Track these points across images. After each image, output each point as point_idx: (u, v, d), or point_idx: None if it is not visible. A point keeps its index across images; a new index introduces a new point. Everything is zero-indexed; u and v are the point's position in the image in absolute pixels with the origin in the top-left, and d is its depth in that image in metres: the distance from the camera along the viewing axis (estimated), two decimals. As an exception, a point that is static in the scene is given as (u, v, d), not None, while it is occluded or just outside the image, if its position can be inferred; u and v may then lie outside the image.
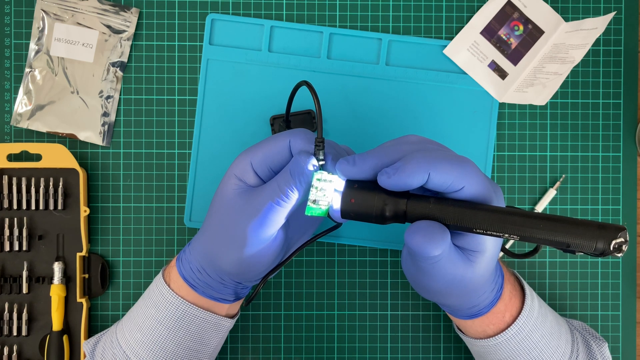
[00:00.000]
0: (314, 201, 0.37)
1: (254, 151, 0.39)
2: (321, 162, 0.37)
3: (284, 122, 0.50)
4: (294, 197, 0.37)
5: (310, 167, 0.36)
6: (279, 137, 0.38)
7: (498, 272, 0.42)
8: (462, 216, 0.34)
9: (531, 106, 0.54)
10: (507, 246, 0.53)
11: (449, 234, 0.35)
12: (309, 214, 0.37)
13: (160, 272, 0.45)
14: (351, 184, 0.36)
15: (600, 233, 0.32)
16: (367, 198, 0.36)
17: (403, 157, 0.35)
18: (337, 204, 0.37)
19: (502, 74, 0.53)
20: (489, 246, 0.36)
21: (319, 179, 0.37)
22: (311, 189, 0.37)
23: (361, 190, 0.36)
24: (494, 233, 0.34)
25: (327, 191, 0.37)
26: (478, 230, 0.34)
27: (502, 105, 0.53)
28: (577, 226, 0.32)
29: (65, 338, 0.51)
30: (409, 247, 0.35)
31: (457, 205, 0.34)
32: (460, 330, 0.47)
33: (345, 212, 0.36)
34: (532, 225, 0.33)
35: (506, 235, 0.33)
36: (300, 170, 0.36)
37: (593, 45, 0.54)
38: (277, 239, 0.39)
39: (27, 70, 0.52)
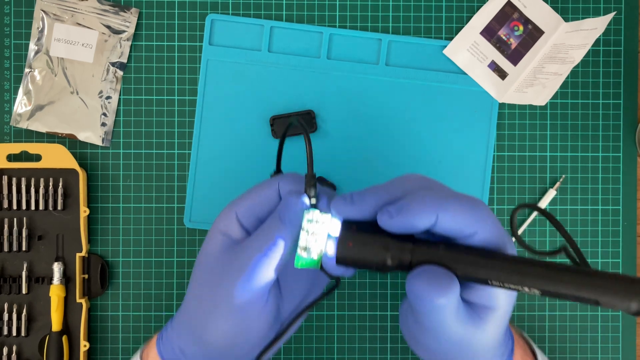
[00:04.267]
0: (305, 248, 0.32)
1: (239, 201, 0.35)
2: (313, 201, 0.33)
3: (274, 171, 0.42)
4: (282, 244, 0.32)
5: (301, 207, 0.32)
6: (267, 182, 0.35)
7: (508, 334, 0.37)
8: (476, 266, 0.30)
9: (531, 106, 0.54)
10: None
11: (457, 281, 0.30)
12: (299, 266, 0.32)
13: (139, 351, 0.39)
14: (349, 226, 0.32)
15: (636, 289, 0.27)
16: (367, 242, 0.31)
17: (407, 195, 0.31)
18: (331, 251, 0.32)
19: (502, 74, 0.53)
20: (503, 302, 0.32)
21: (310, 220, 0.32)
22: (301, 232, 0.32)
23: (360, 233, 0.31)
24: (512, 286, 0.29)
25: (320, 236, 0.32)
26: (494, 283, 0.30)
27: (502, 105, 0.53)
28: (607, 280, 0.28)
29: (64, 338, 0.51)
30: (410, 294, 0.30)
31: (471, 252, 0.30)
32: None
33: (342, 258, 0.32)
34: (556, 279, 0.29)
35: (526, 289, 0.29)
36: (289, 211, 0.32)
37: (593, 46, 0.54)
38: (268, 303, 0.34)
39: (26, 70, 0.52)
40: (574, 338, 0.54)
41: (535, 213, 0.53)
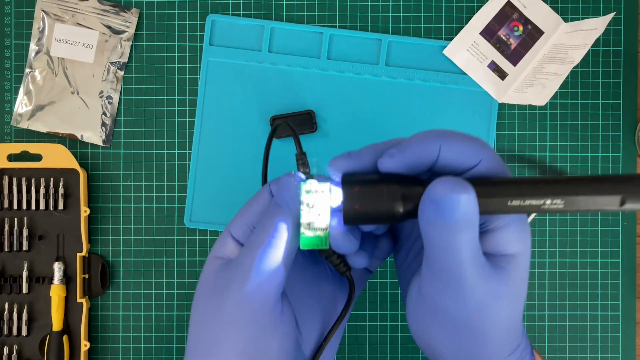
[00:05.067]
0: (309, 225, 0.29)
1: (232, 221, 0.32)
2: (307, 174, 0.31)
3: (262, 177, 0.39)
4: (284, 227, 0.29)
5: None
6: (257, 192, 0.32)
7: (525, 336, 0.33)
8: (493, 185, 0.28)
9: (531, 106, 0.54)
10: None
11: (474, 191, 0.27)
12: (306, 246, 0.30)
13: None
14: (350, 186, 0.29)
15: None
16: (373, 192, 0.28)
17: (405, 139, 0.30)
18: (335, 222, 0.29)
19: (502, 74, 0.53)
20: (522, 246, 0.29)
21: (308, 191, 0.29)
22: (301, 209, 0.29)
23: (364, 186, 0.29)
24: (534, 201, 0.27)
25: (322, 209, 0.29)
26: (514, 202, 0.27)
27: (501, 105, 0.53)
28: (631, 178, 0.27)
29: (65, 338, 0.51)
30: (425, 210, 0.27)
31: (483, 182, 0.28)
32: None
33: (350, 216, 0.29)
34: (577, 183, 0.27)
35: (548, 201, 0.27)
36: (284, 189, 0.30)
37: (592, 46, 0.54)
38: (284, 315, 0.30)
39: (27, 70, 0.52)
40: (574, 338, 0.54)
41: (534, 213, 0.53)
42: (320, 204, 0.29)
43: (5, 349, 0.51)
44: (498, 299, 0.29)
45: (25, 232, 0.51)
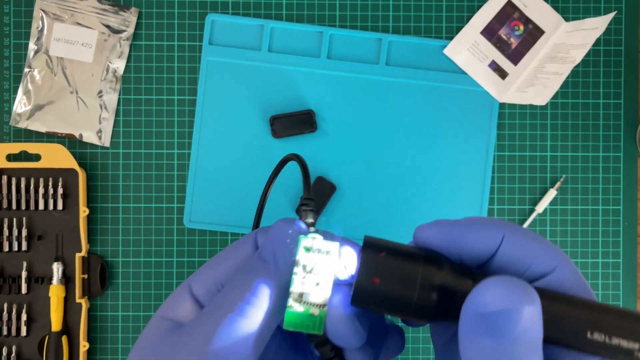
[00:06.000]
0: (301, 296, 0.21)
1: (195, 273, 0.24)
2: (312, 230, 0.23)
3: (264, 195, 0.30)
4: (266, 293, 0.21)
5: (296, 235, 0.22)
6: (239, 240, 0.25)
7: None
8: (565, 311, 0.19)
9: (531, 106, 0.54)
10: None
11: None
12: (291, 327, 0.21)
13: None
14: (374, 250, 0.21)
15: None
16: (404, 268, 0.20)
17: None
18: (339, 299, 0.21)
19: (503, 74, 0.53)
20: None
21: (308, 249, 0.21)
22: (294, 271, 0.21)
23: (393, 256, 0.21)
24: (624, 344, 0.19)
25: (323, 276, 0.21)
26: (595, 337, 0.19)
27: (502, 105, 0.53)
28: None
29: (64, 339, 0.51)
30: (472, 315, 0.18)
31: (554, 296, 0.20)
32: None
33: (363, 296, 0.21)
34: None
35: None
36: (275, 240, 0.22)
37: (593, 45, 0.54)
38: None
39: (26, 70, 0.52)
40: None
41: (535, 213, 0.53)
42: (321, 270, 0.21)
43: (5, 350, 0.51)
44: None
45: (24, 232, 0.51)
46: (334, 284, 0.21)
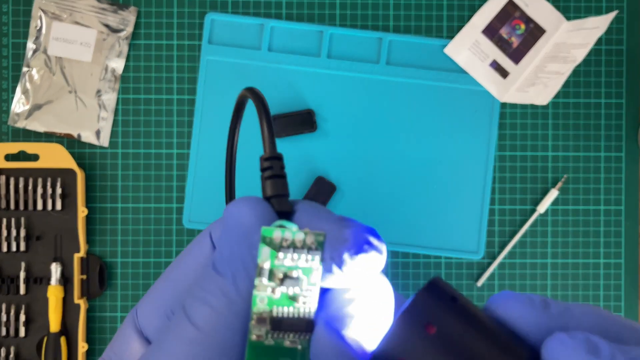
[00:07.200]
0: (268, 322, 0.15)
1: (142, 299, 0.20)
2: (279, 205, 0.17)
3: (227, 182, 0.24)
4: (220, 327, 0.16)
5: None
6: (196, 238, 0.20)
7: None
8: None
9: (532, 106, 0.53)
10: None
11: None
12: None
13: None
14: (417, 314, 0.15)
15: None
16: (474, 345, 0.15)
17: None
18: (330, 324, 0.15)
19: (504, 73, 0.53)
20: None
21: (275, 246, 0.15)
22: (256, 283, 0.15)
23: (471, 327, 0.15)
24: None
25: (303, 288, 0.15)
26: None
27: (503, 104, 0.53)
28: None
29: (62, 339, 0.50)
30: None
31: None
32: None
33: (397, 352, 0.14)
34: None
35: None
36: (235, 237, 0.17)
37: (595, 45, 0.53)
38: None
39: (24, 69, 0.52)
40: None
41: (537, 213, 0.52)
42: (300, 278, 0.14)
43: (3, 351, 0.50)
44: None
45: (22, 233, 0.51)
46: (320, 298, 0.14)
